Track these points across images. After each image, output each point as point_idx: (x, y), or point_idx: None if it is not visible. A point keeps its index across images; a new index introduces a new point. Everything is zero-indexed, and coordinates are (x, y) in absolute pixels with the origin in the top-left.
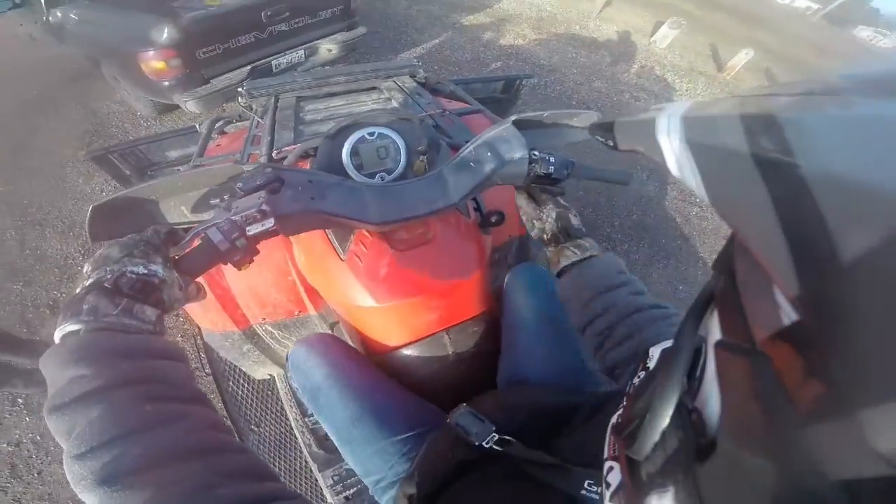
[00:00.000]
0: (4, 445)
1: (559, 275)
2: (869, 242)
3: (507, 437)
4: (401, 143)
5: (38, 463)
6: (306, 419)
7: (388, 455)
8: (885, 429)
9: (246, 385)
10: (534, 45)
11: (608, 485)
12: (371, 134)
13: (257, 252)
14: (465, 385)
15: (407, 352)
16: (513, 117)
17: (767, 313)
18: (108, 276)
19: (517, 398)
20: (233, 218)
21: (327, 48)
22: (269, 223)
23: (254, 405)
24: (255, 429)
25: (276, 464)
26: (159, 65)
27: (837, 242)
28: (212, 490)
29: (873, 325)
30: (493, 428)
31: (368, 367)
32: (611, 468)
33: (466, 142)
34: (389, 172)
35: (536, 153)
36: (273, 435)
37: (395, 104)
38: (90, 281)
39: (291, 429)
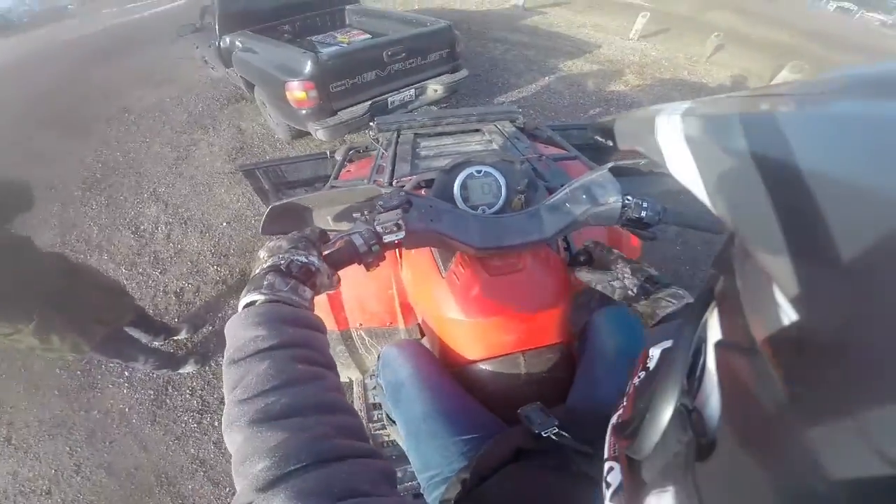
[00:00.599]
0: (95, 413)
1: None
2: (869, 242)
3: (564, 433)
4: (502, 181)
5: (114, 433)
6: (371, 424)
7: (448, 452)
8: (885, 429)
9: None
10: (636, 91)
11: (608, 485)
12: (478, 171)
13: (384, 258)
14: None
15: (483, 366)
16: (609, 164)
17: (767, 313)
18: (282, 262)
19: (584, 411)
20: (375, 228)
21: (434, 88)
22: (401, 235)
23: None
24: None
25: None
26: (301, 94)
27: (837, 242)
28: (330, 439)
29: (873, 324)
30: (556, 422)
31: (446, 375)
32: (611, 468)
33: (562, 185)
34: (490, 206)
35: (630, 198)
36: None
37: (495, 146)
38: (268, 264)
39: None
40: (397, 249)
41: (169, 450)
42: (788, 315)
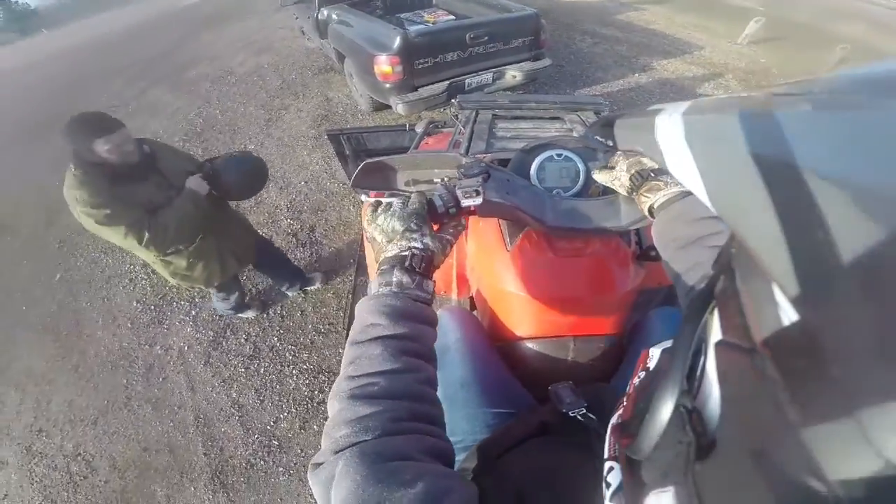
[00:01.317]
0: (157, 348)
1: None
2: (869, 242)
3: (591, 416)
4: (582, 167)
5: (169, 371)
6: None
7: (476, 421)
8: (885, 429)
9: None
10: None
11: (608, 485)
12: (559, 155)
13: (458, 222)
14: None
15: (531, 344)
16: None
17: (767, 313)
18: (405, 253)
19: (616, 395)
20: (455, 190)
21: (513, 74)
22: (479, 200)
23: None
24: None
25: None
26: (387, 68)
27: (837, 242)
28: (403, 421)
29: (873, 324)
30: (585, 404)
31: (491, 347)
32: (611, 468)
33: None
34: (566, 191)
35: None
36: None
37: (575, 135)
38: (392, 254)
39: None
40: (465, 218)
41: (214, 391)
42: (788, 315)
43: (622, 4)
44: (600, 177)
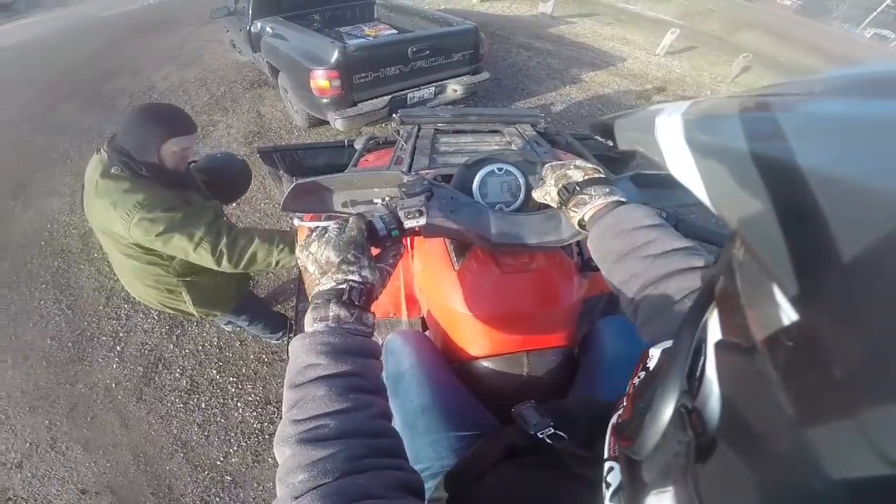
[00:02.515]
0: (80, 386)
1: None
2: (869, 242)
3: (560, 434)
4: (523, 181)
5: (97, 410)
6: None
7: (441, 447)
8: (886, 429)
9: None
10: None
11: (608, 485)
12: (500, 169)
13: (402, 244)
14: None
15: (486, 363)
16: (631, 173)
17: (767, 313)
18: (342, 286)
19: (580, 408)
20: (397, 211)
21: (453, 88)
22: (423, 220)
23: None
24: None
25: None
26: (324, 83)
27: (837, 242)
28: (363, 459)
29: (873, 324)
30: (551, 423)
31: (447, 369)
32: (611, 468)
33: None
34: (508, 205)
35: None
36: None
37: (514, 148)
38: (326, 287)
39: None
40: (409, 240)
41: (151, 429)
42: (788, 315)
43: (553, 18)
44: (536, 194)
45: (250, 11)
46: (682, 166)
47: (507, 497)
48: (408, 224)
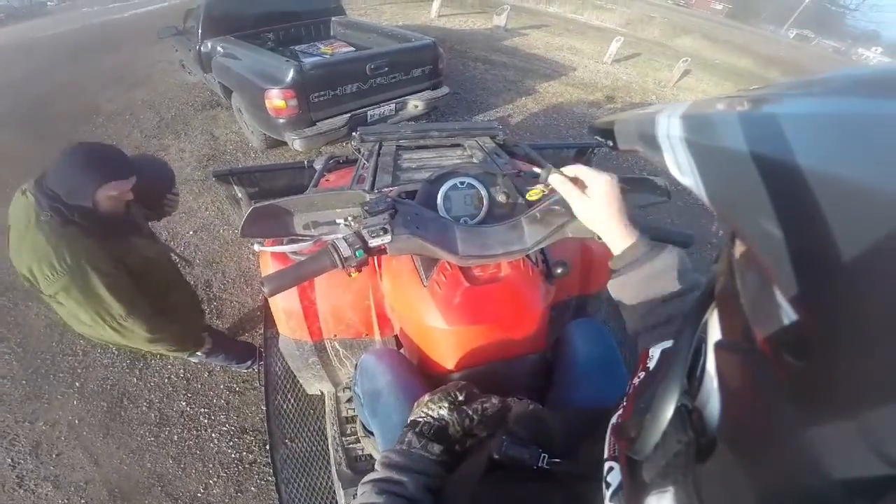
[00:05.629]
0: (41, 424)
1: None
2: (869, 242)
3: (556, 460)
4: (485, 193)
5: (63, 447)
6: (344, 438)
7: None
8: (885, 429)
9: (293, 400)
10: (608, 113)
11: (608, 485)
12: (462, 183)
13: (367, 264)
14: None
15: (461, 376)
16: None
17: (767, 313)
18: (420, 421)
19: (550, 418)
20: (360, 231)
21: (414, 104)
22: (388, 238)
23: (294, 420)
24: (288, 443)
25: (298, 480)
26: (280, 103)
27: (837, 242)
28: None
29: (873, 324)
30: (540, 450)
31: (424, 383)
32: (611, 468)
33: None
34: (472, 218)
35: None
36: (303, 451)
37: (475, 161)
38: (411, 419)
39: (324, 447)
40: (376, 259)
41: (123, 464)
42: (788, 315)
43: (507, 31)
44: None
45: (200, 31)
46: (682, 166)
47: None
48: (372, 243)
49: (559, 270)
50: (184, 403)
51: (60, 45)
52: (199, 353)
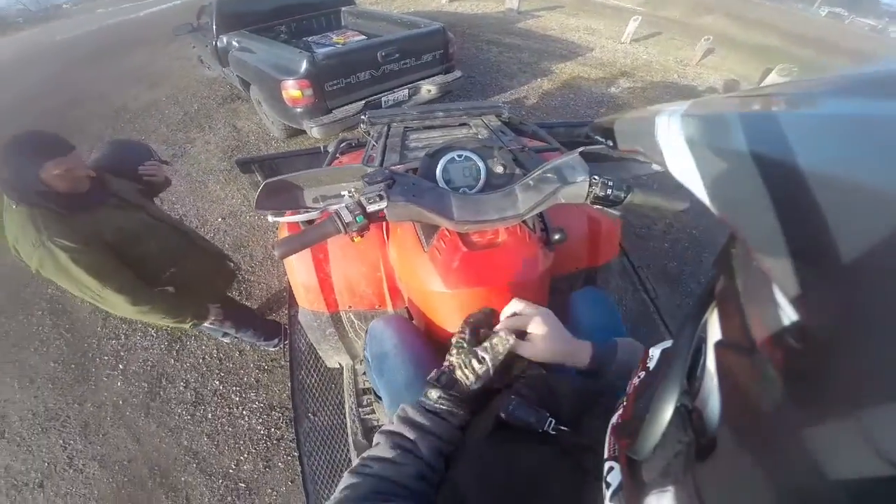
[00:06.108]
0: (89, 405)
1: None
2: (869, 242)
3: (562, 427)
4: (482, 165)
5: (108, 427)
6: (360, 409)
7: None
8: (886, 428)
9: (315, 375)
10: (626, 92)
11: (608, 485)
12: (459, 156)
13: (368, 229)
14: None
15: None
16: (580, 149)
17: (767, 313)
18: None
19: (560, 384)
20: (359, 198)
21: (427, 89)
22: (384, 204)
23: (317, 395)
24: (312, 417)
25: (320, 452)
26: (296, 93)
27: (837, 242)
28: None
29: (873, 324)
30: (548, 415)
31: (429, 346)
32: (611, 468)
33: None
34: (470, 189)
35: (596, 177)
36: (326, 424)
37: (479, 137)
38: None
39: (343, 419)
40: (385, 231)
41: (162, 442)
42: (788, 315)
43: (520, 13)
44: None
45: (214, 27)
46: (682, 166)
47: (498, 471)
48: (370, 208)
49: (557, 237)
50: (217, 382)
51: (81, 48)
52: (217, 328)
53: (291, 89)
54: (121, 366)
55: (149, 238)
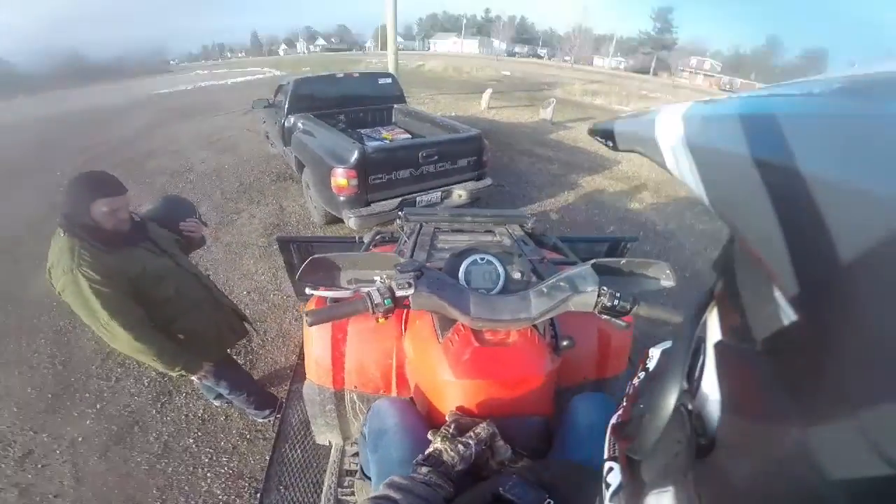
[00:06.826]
0: (44, 436)
1: None
2: (868, 243)
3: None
4: (501, 269)
5: (52, 459)
6: (340, 489)
7: None
8: (885, 428)
9: (299, 451)
10: (650, 209)
11: (608, 485)
12: (482, 259)
13: (392, 313)
14: None
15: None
16: (593, 260)
17: (767, 313)
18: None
19: (561, 468)
20: (390, 283)
21: (458, 193)
22: (411, 291)
23: (296, 469)
24: (283, 490)
25: None
26: (343, 181)
27: (837, 243)
28: None
29: (873, 324)
30: (546, 495)
31: (429, 431)
32: (611, 468)
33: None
34: (489, 291)
35: (605, 288)
36: (295, 499)
37: (502, 244)
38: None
39: (316, 497)
40: (403, 323)
41: (104, 485)
42: (788, 315)
43: (553, 124)
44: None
45: (287, 106)
46: (683, 168)
47: None
48: (399, 293)
49: (565, 343)
50: (191, 440)
51: (173, 102)
52: (212, 386)
53: (340, 177)
54: (98, 405)
55: (169, 282)
